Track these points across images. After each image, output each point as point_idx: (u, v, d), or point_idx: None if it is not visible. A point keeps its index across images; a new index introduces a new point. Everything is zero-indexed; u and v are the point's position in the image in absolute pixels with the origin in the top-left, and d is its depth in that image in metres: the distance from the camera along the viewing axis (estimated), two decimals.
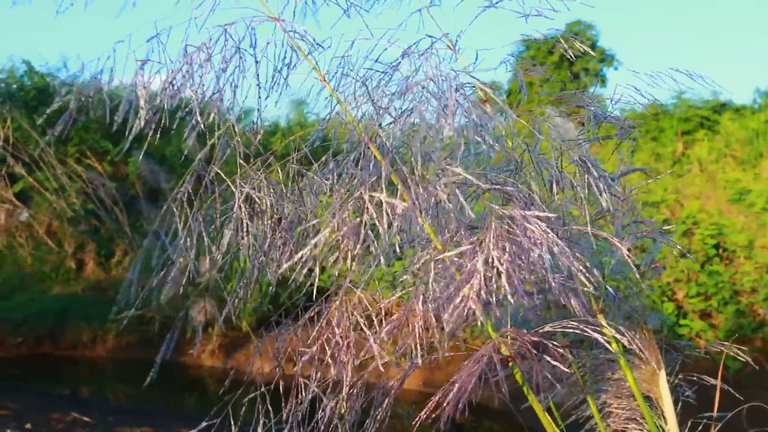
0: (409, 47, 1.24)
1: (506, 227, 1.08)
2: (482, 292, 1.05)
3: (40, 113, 10.68)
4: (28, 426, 5.05)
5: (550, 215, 1.12)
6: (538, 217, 1.08)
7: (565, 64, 14.49)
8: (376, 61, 1.26)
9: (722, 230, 6.33)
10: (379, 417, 1.38)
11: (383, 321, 1.35)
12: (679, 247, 1.49)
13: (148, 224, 9.24)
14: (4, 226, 9.72)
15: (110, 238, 9.55)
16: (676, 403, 1.61)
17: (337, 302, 1.31)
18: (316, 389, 1.34)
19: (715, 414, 1.69)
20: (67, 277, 9.18)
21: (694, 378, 1.71)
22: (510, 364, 1.26)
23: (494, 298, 1.07)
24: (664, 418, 1.59)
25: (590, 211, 1.28)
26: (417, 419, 1.25)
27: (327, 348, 1.30)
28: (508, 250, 1.06)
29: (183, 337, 7.71)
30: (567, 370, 1.28)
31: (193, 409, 6.69)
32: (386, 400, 1.37)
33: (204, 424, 1.33)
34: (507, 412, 5.68)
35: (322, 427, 1.33)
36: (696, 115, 10.82)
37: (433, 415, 1.25)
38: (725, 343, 1.74)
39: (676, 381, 1.68)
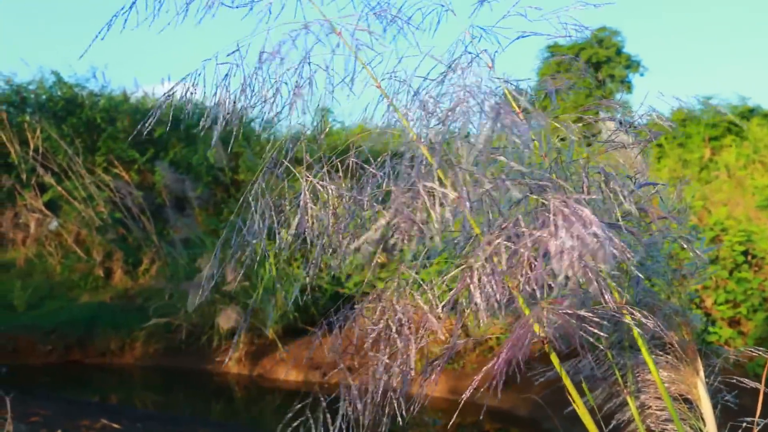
0: (454, 61, 1.36)
1: (564, 207, 1.12)
2: (575, 264, 1.08)
3: (69, 123, 10.83)
4: None
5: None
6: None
7: (590, 71, 14.43)
8: (425, 77, 1.38)
9: (751, 237, 6.26)
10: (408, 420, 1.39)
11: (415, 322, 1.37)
12: (703, 252, 1.48)
13: (174, 232, 9.31)
14: (34, 235, 9.85)
15: (138, 247, 9.63)
16: (714, 407, 1.60)
17: (396, 283, 1.37)
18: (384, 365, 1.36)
19: (757, 418, 1.68)
20: (95, 286, 9.27)
21: (734, 381, 1.70)
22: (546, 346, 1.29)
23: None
24: (702, 420, 1.57)
25: (619, 213, 1.31)
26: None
27: (391, 324, 1.35)
28: (571, 230, 1.09)
29: (209, 345, 7.76)
30: (604, 335, 1.30)
31: (220, 416, 6.73)
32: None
33: None
34: (534, 419, 5.65)
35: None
36: (723, 121, 10.71)
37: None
38: (761, 348, 1.72)
39: (715, 384, 1.67)
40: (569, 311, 1.23)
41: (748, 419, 1.69)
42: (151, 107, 11.46)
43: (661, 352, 1.63)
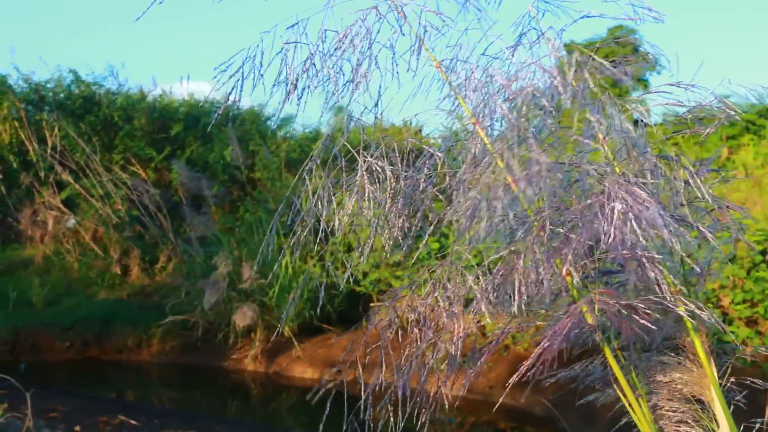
0: (520, 37, 1.38)
1: (622, 183, 1.13)
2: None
3: (87, 121, 10.91)
4: (77, 428, 5.16)
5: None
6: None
7: (609, 68, 14.32)
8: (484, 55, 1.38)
9: None
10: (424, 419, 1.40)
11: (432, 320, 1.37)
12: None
13: (190, 230, 9.36)
14: (52, 233, 9.93)
15: (154, 244, 9.69)
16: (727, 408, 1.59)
17: (449, 259, 1.36)
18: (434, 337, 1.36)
19: (767, 419, 1.67)
20: (112, 283, 9.34)
21: (747, 382, 1.69)
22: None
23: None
24: (716, 421, 1.57)
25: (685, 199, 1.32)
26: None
27: (440, 302, 1.35)
28: (629, 201, 1.11)
29: (225, 343, 7.80)
30: (654, 327, 1.29)
31: (237, 413, 6.77)
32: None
33: None
34: (549, 418, 5.64)
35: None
36: (741, 120, 10.64)
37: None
38: None
39: (728, 385, 1.66)
40: (622, 300, 1.22)
41: (761, 420, 1.69)
42: (168, 105, 11.56)
43: (673, 353, 1.63)
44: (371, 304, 7.56)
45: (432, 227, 1.39)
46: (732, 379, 1.68)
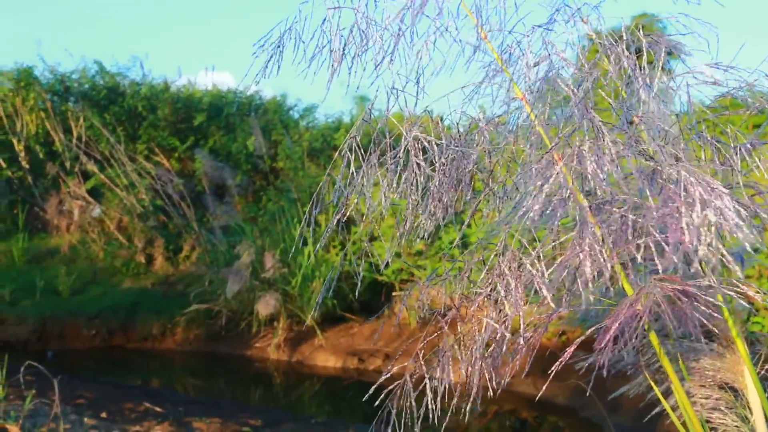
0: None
1: (697, 181, 1.13)
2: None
3: (111, 111, 11.00)
4: (103, 415, 5.22)
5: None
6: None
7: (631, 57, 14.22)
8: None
9: None
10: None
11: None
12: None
13: (214, 219, 9.42)
14: (78, 222, 10.03)
15: (178, 234, 9.76)
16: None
17: (502, 245, 1.33)
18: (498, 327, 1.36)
19: None
20: (137, 272, 9.42)
21: None
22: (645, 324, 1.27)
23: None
24: (749, 408, 1.56)
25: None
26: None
27: (499, 287, 1.31)
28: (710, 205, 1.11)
29: (249, 331, 7.86)
30: (718, 316, 1.28)
31: (260, 401, 6.82)
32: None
33: None
34: (572, 408, 5.63)
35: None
36: None
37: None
38: None
39: (762, 372, 1.64)
40: (688, 287, 1.19)
41: None
42: (191, 95, 11.62)
43: (706, 340, 1.62)
44: (393, 294, 7.58)
45: (476, 204, 1.36)
46: (766, 367, 1.67)
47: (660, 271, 1.19)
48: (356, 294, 7.56)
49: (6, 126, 10.61)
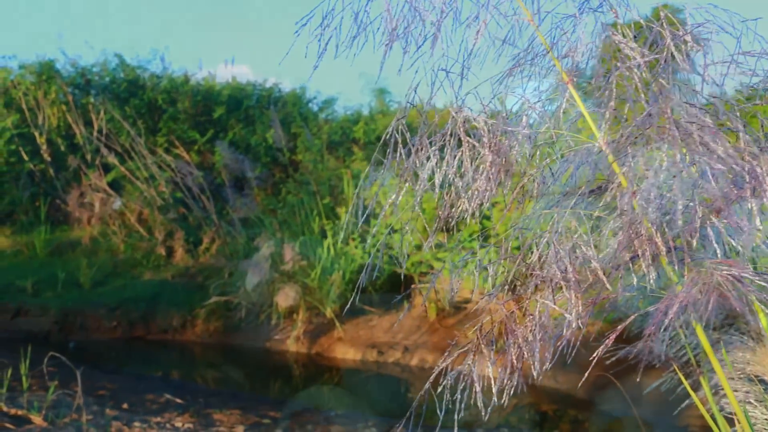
0: None
1: None
2: None
3: (131, 104, 11.06)
4: (124, 406, 5.26)
5: None
6: None
7: (651, 49, 14.11)
8: None
9: None
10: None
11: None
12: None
13: (233, 212, 9.45)
14: (99, 214, 10.11)
15: (198, 226, 9.81)
16: None
17: (556, 228, 1.30)
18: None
19: None
20: (157, 264, 9.48)
21: None
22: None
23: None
24: None
25: None
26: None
27: (556, 270, 1.29)
28: None
29: (268, 323, 7.89)
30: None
31: (280, 393, 6.85)
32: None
33: None
34: (591, 401, 5.61)
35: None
36: None
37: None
38: None
39: None
40: (745, 272, 1.16)
41: None
42: (211, 88, 11.65)
43: (735, 332, 1.60)
44: (413, 286, 7.58)
45: (520, 187, 1.34)
46: None
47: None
48: (375, 286, 7.56)
49: (28, 119, 10.70)
